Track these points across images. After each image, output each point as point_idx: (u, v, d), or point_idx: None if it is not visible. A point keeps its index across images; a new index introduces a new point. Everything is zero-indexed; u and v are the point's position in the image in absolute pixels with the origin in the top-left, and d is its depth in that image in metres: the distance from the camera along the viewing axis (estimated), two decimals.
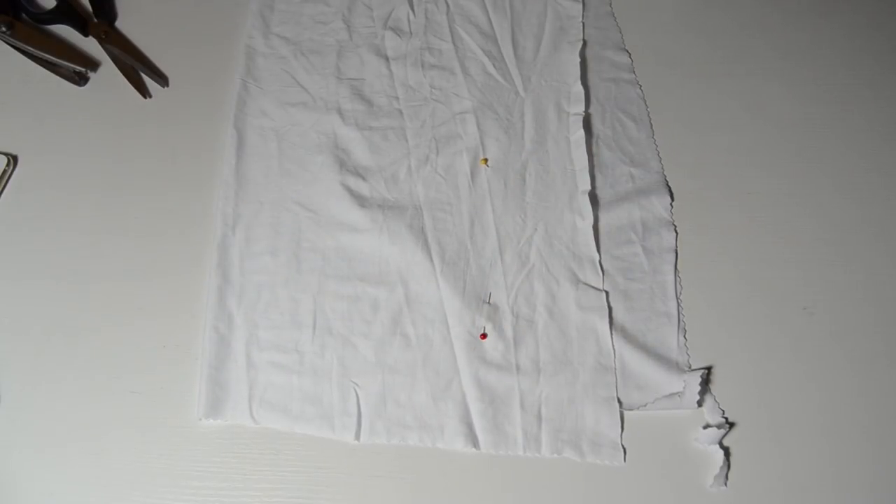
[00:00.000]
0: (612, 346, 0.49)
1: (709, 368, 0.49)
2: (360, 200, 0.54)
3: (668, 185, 0.55)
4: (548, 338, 0.49)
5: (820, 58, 0.62)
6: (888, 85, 0.60)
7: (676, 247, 0.53)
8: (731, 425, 0.47)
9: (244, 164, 0.56)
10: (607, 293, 0.51)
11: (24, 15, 0.61)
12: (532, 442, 0.46)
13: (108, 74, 0.60)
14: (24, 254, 0.53)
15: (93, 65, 0.60)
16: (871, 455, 0.47)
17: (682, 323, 0.50)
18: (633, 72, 0.61)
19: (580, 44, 0.61)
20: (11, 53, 0.60)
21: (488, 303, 0.50)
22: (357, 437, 0.46)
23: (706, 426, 0.47)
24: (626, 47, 0.62)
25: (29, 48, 0.59)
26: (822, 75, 0.61)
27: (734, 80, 0.61)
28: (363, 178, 0.55)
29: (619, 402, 0.47)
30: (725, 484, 0.45)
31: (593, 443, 0.46)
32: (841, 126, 0.58)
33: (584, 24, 0.62)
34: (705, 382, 0.48)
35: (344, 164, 0.56)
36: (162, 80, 0.60)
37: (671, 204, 0.55)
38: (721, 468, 0.45)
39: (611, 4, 0.64)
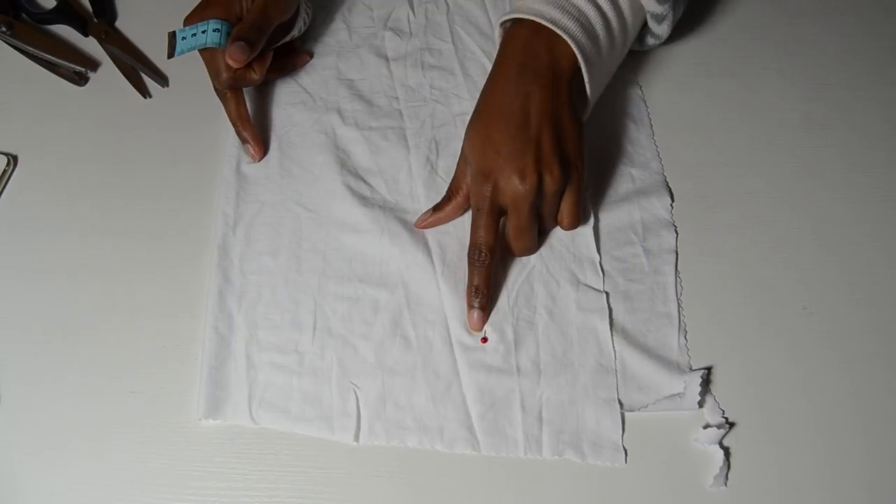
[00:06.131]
0: (613, 347, 0.49)
1: (709, 369, 0.49)
2: (361, 201, 0.54)
3: (668, 185, 0.56)
4: (548, 339, 0.49)
5: (820, 58, 0.62)
6: (885, 86, 0.60)
7: (677, 247, 0.53)
8: (731, 425, 0.47)
9: (244, 164, 0.56)
10: (608, 294, 0.51)
11: (24, 15, 0.61)
12: (533, 444, 0.46)
13: (108, 74, 0.60)
14: (24, 253, 0.53)
15: (93, 65, 0.60)
16: (870, 455, 0.47)
17: (682, 323, 0.50)
18: (633, 72, 0.61)
19: None
20: (11, 53, 0.60)
21: None
22: (356, 438, 0.46)
23: (706, 426, 0.47)
24: None
25: (29, 48, 0.59)
26: (821, 76, 0.61)
27: (733, 81, 0.61)
28: (363, 179, 0.55)
29: (620, 403, 0.47)
30: (725, 484, 0.45)
31: (594, 444, 0.46)
32: (841, 126, 0.59)
33: None
34: (705, 383, 0.48)
35: (344, 164, 0.56)
36: (162, 79, 0.60)
37: (671, 204, 0.55)
38: (721, 468, 0.45)
39: None
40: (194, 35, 0.51)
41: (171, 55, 0.51)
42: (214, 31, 0.50)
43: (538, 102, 0.47)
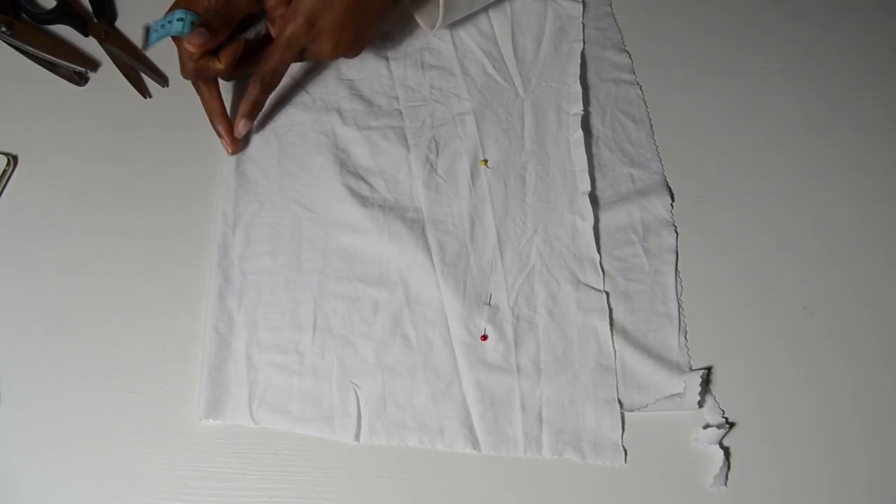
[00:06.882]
0: (613, 347, 0.49)
1: (709, 369, 0.49)
2: (361, 201, 0.54)
3: (668, 185, 0.55)
4: (548, 339, 0.49)
5: (820, 58, 0.62)
6: (887, 85, 0.60)
7: (677, 247, 0.53)
8: (731, 425, 0.47)
9: (244, 164, 0.56)
10: (608, 294, 0.51)
11: (24, 15, 0.61)
12: (533, 443, 0.46)
13: (108, 74, 0.60)
14: (24, 254, 0.52)
15: (93, 65, 0.60)
16: (870, 455, 0.47)
17: (682, 323, 0.50)
18: (634, 72, 0.61)
19: (580, 44, 0.61)
20: (11, 53, 0.60)
21: (489, 304, 0.50)
22: (357, 437, 0.46)
23: (706, 426, 0.47)
24: (627, 48, 0.62)
25: (29, 48, 0.59)
26: (822, 76, 0.61)
27: (734, 80, 0.61)
28: (363, 179, 0.55)
29: (620, 403, 0.47)
30: (725, 484, 0.45)
31: (594, 444, 0.46)
32: (843, 126, 0.59)
33: (584, 24, 0.62)
34: (705, 383, 0.48)
35: (344, 164, 0.56)
36: (162, 79, 0.60)
37: (671, 204, 0.55)
38: (721, 468, 0.45)
39: (611, 5, 0.64)
40: (163, 26, 0.52)
41: (144, 47, 0.53)
42: (178, 20, 0.51)
43: None
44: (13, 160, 0.56)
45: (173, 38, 0.52)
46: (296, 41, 0.52)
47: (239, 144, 0.55)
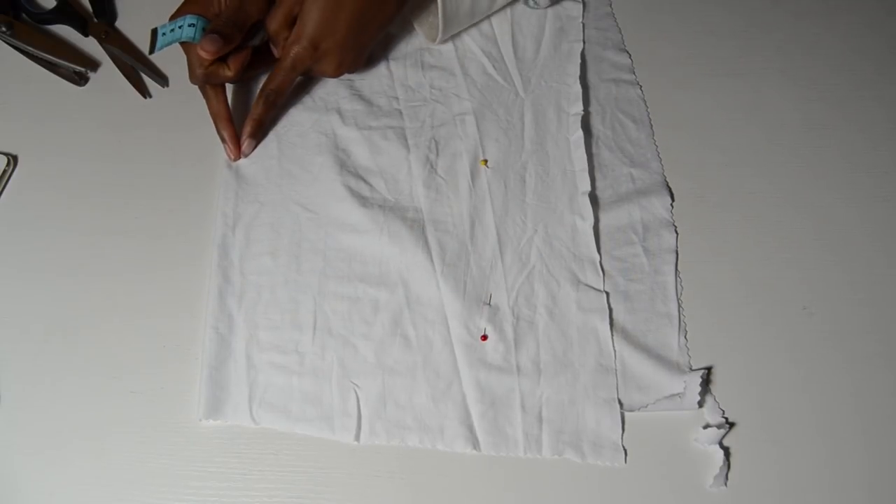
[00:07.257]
0: (613, 347, 0.49)
1: (709, 369, 0.49)
2: (361, 201, 0.54)
3: (668, 185, 0.55)
4: (548, 339, 0.49)
5: (820, 58, 0.62)
6: (888, 85, 0.60)
7: (677, 247, 0.53)
8: (731, 425, 0.47)
9: (244, 164, 0.56)
10: (608, 294, 0.51)
11: (24, 15, 0.61)
12: (533, 443, 0.46)
13: (108, 74, 0.60)
14: (24, 254, 0.52)
15: (93, 65, 0.60)
16: (870, 455, 0.47)
17: (682, 323, 0.50)
18: (634, 72, 0.61)
19: (580, 44, 0.61)
20: (11, 53, 0.60)
21: (489, 304, 0.50)
22: (357, 438, 0.46)
23: (706, 426, 0.47)
24: (627, 48, 0.62)
25: (29, 48, 0.59)
26: (822, 76, 0.61)
27: (734, 80, 0.61)
28: (363, 179, 0.55)
29: (620, 403, 0.47)
30: (725, 484, 0.45)
31: (594, 444, 0.46)
32: (843, 126, 0.59)
33: (584, 24, 0.62)
34: (705, 383, 0.48)
35: (344, 164, 0.56)
36: (162, 79, 0.60)
37: (671, 204, 0.55)
38: (721, 468, 0.45)
39: (611, 5, 0.64)
40: (172, 31, 0.52)
41: (151, 51, 0.52)
42: (190, 25, 0.51)
43: None
44: (13, 160, 0.56)
45: (182, 43, 0.52)
46: (300, 63, 0.54)
47: (241, 152, 0.55)
